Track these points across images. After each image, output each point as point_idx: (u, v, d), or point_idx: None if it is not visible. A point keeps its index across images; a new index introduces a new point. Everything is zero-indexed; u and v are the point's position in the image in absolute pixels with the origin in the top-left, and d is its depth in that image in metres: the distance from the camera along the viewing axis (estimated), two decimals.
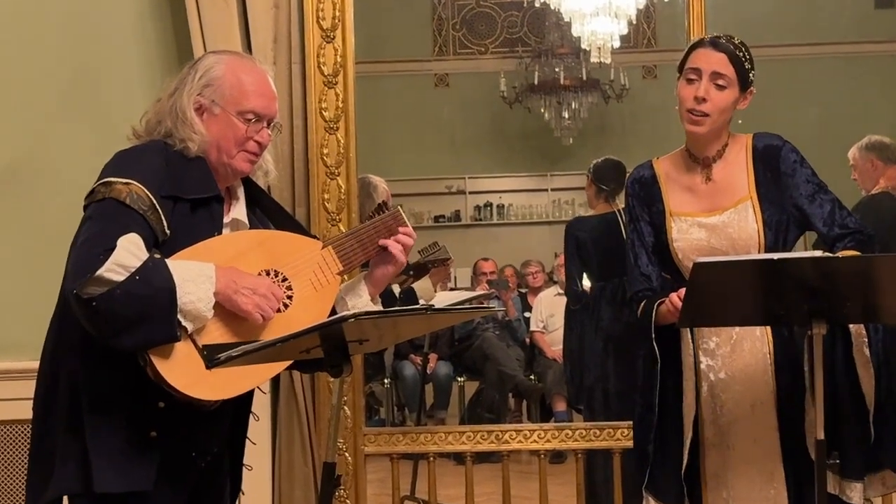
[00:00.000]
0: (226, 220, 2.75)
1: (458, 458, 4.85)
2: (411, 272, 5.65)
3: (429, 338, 6.37)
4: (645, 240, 3.25)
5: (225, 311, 2.59)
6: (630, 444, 4.52)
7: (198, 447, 2.72)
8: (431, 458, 4.68)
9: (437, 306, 2.67)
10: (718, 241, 3.14)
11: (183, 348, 2.53)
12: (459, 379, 7.17)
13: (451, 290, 8.02)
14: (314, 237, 2.88)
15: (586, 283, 5.79)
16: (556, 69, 8.75)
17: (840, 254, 2.99)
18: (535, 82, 8.75)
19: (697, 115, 3.12)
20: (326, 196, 4.58)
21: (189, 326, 2.53)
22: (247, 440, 2.91)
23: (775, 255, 2.79)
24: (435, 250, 5.53)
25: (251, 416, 2.91)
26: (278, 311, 2.65)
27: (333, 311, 2.79)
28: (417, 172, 9.29)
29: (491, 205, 9.57)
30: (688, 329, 3.16)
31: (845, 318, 2.90)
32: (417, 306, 2.59)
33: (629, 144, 8.73)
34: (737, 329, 3.14)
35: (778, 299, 2.76)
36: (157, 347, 2.51)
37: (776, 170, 3.16)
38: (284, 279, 2.70)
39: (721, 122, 3.15)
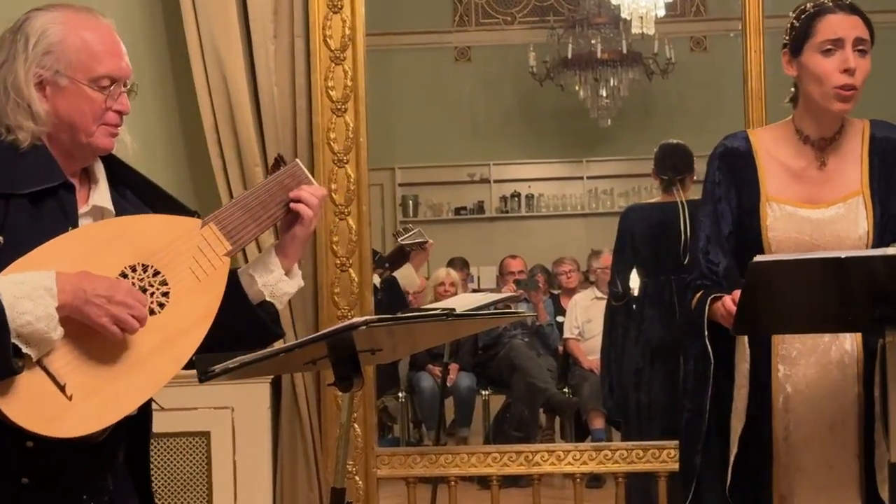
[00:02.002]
0: (84, 209, 2.55)
1: (483, 482, 4.87)
2: (387, 264, 5.65)
3: (449, 346, 6.36)
4: (721, 223, 3.17)
5: (79, 325, 2.38)
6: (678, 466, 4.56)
7: (88, 487, 2.55)
8: (452, 482, 4.69)
9: (458, 311, 2.66)
10: (823, 237, 3.07)
11: (31, 379, 2.33)
12: (484, 392, 7.17)
13: (474, 291, 8.03)
14: (193, 214, 2.65)
15: (635, 279, 5.80)
16: (593, 41, 8.73)
17: None
18: (569, 56, 8.74)
19: (848, 91, 3.06)
20: (334, 186, 4.59)
21: (33, 353, 2.32)
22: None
23: (842, 253, 2.77)
24: (410, 232, 5.53)
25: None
26: (152, 312, 2.45)
27: (239, 297, 2.65)
28: (436, 159, 9.29)
29: (519, 195, 9.57)
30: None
31: None
32: (436, 312, 2.58)
33: (675, 126, 8.70)
34: (826, 337, 3.10)
35: (846, 303, 2.74)
36: None
37: (890, 166, 3.13)
38: (157, 273, 2.50)
39: (859, 95, 3.12)
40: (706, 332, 3.08)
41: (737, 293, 2.87)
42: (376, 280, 5.79)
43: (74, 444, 2.41)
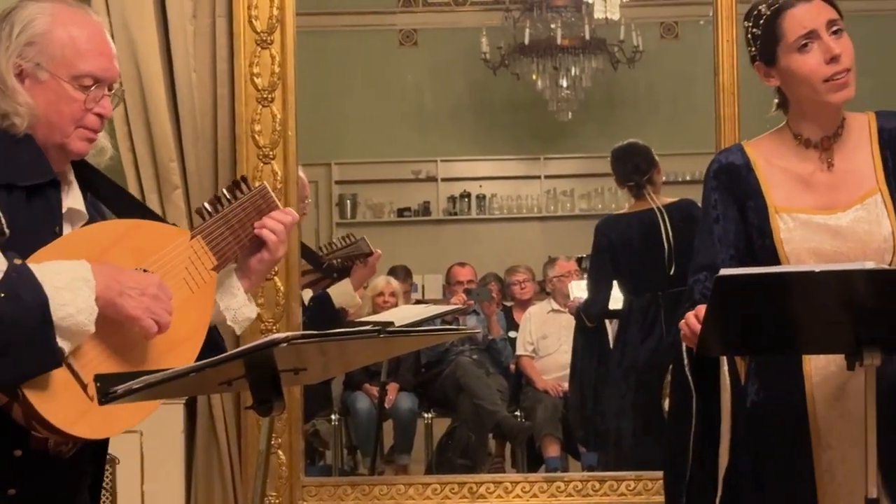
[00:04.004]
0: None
1: None
2: (335, 274, 5.61)
3: (387, 363, 6.35)
4: (718, 247, 3.16)
5: (100, 321, 2.53)
6: (640, 499, 4.58)
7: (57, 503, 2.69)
8: None
9: (398, 325, 2.66)
10: (844, 244, 3.07)
11: (59, 376, 2.50)
12: (426, 415, 7.17)
13: (418, 302, 8.02)
14: (174, 225, 2.88)
15: (618, 296, 5.83)
16: (553, 26, 8.76)
17: None
18: (526, 42, 8.76)
19: (841, 77, 3.08)
20: (257, 184, 4.58)
21: (66, 347, 2.49)
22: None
23: (816, 267, 2.80)
24: (349, 244, 5.51)
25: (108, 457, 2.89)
26: None
27: None
28: (376, 154, 9.28)
29: (469, 195, 9.58)
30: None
31: None
32: (368, 328, 2.58)
33: (643, 121, 8.76)
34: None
35: (821, 322, 2.77)
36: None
37: None
38: None
39: (855, 76, 3.12)
40: (686, 360, 3.08)
41: (701, 309, 2.88)
42: (306, 295, 5.76)
43: (51, 458, 2.58)
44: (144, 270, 2.66)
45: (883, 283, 2.71)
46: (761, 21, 3.13)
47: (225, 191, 2.85)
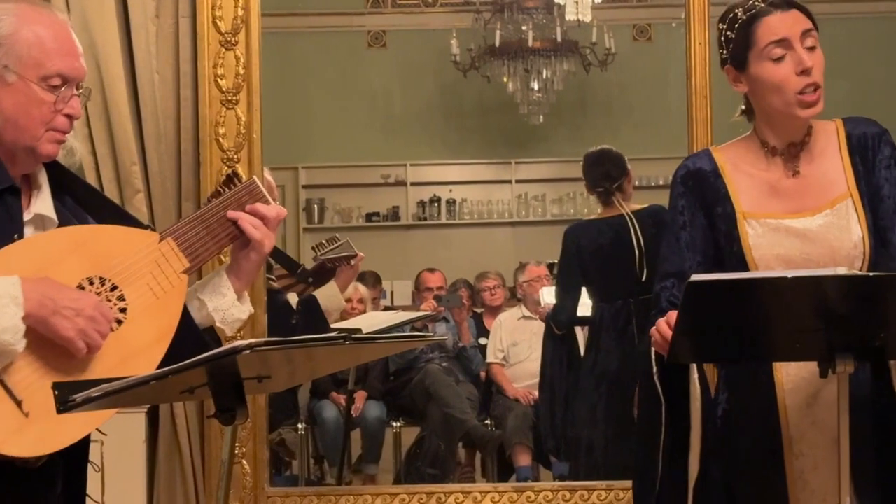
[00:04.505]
0: (25, 216, 2.67)
1: None
2: (310, 279, 5.60)
3: (355, 371, 6.34)
4: (685, 254, 3.17)
5: (36, 335, 2.51)
6: None
7: None
8: None
9: (365, 332, 2.66)
10: (814, 249, 3.09)
11: None
12: (395, 424, 7.16)
13: (386, 308, 8.01)
14: (148, 227, 2.80)
15: (587, 302, 5.83)
16: (524, 28, 8.77)
17: None
18: (497, 44, 8.77)
19: (811, 92, 3.09)
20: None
21: None
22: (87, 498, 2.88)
23: (789, 273, 2.81)
24: (335, 245, 5.48)
25: (89, 465, 2.85)
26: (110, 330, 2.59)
27: (186, 320, 2.75)
28: (344, 158, 9.27)
29: (438, 200, 9.58)
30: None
31: (880, 352, 2.91)
32: (333, 335, 2.57)
33: (615, 124, 8.78)
34: None
35: (793, 328, 2.77)
36: None
37: (872, 164, 3.16)
38: (114, 287, 2.64)
39: (823, 90, 3.14)
40: (654, 369, 3.09)
41: (672, 315, 2.89)
42: (293, 299, 5.74)
43: (13, 469, 2.54)
44: (101, 278, 2.63)
45: (856, 289, 2.72)
46: (736, 25, 3.14)
47: (221, 185, 2.81)
